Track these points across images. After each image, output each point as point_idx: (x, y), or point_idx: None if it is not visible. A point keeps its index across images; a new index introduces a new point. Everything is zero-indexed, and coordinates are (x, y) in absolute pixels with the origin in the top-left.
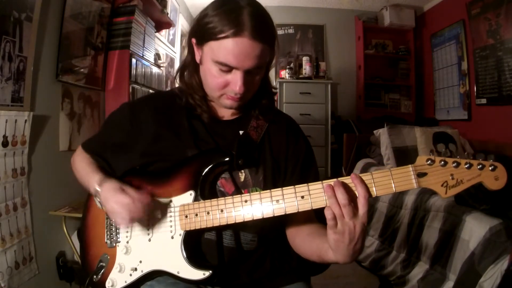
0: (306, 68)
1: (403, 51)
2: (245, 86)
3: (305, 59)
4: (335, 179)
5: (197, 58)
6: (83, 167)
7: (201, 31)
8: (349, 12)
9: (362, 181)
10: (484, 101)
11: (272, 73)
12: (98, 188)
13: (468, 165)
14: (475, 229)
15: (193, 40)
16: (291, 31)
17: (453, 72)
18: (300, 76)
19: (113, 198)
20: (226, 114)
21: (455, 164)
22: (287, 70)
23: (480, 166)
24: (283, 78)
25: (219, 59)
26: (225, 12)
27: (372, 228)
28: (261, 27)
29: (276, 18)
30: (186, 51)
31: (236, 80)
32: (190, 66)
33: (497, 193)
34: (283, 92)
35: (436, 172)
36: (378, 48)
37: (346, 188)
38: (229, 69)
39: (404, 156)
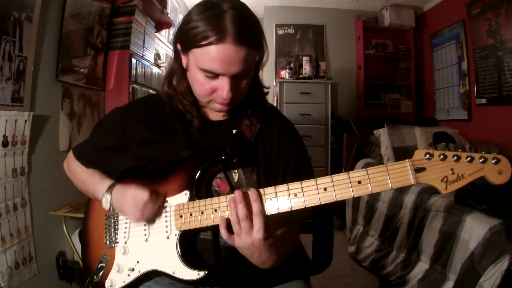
0: (306, 68)
1: (403, 51)
2: (233, 91)
3: (305, 59)
4: (237, 191)
5: (184, 64)
6: (86, 174)
7: (185, 38)
8: (349, 12)
9: (259, 197)
10: (484, 101)
11: (272, 73)
12: (107, 194)
13: (469, 158)
14: (475, 229)
15: (178, 46)
16: (291, 31)
17: (453, 72)
18: (300, 76)
19: (127, 198)
20: (217, 116)
21: (456, 157)
22: (287, 70)
23: (483, 159)
24: (283, 78)
25: (204, 67)
26: (207, 17)
27: (372, 228)
28: (245, 30)
29: (276, 18)
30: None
31: (223, 86)
32: (178, 71)
33: (497, 193)
34: (283, 92)
35: (435, 167)
36: (378, 48)
37: (247, 202)
38: (215, 75)
39: (404, 156)
